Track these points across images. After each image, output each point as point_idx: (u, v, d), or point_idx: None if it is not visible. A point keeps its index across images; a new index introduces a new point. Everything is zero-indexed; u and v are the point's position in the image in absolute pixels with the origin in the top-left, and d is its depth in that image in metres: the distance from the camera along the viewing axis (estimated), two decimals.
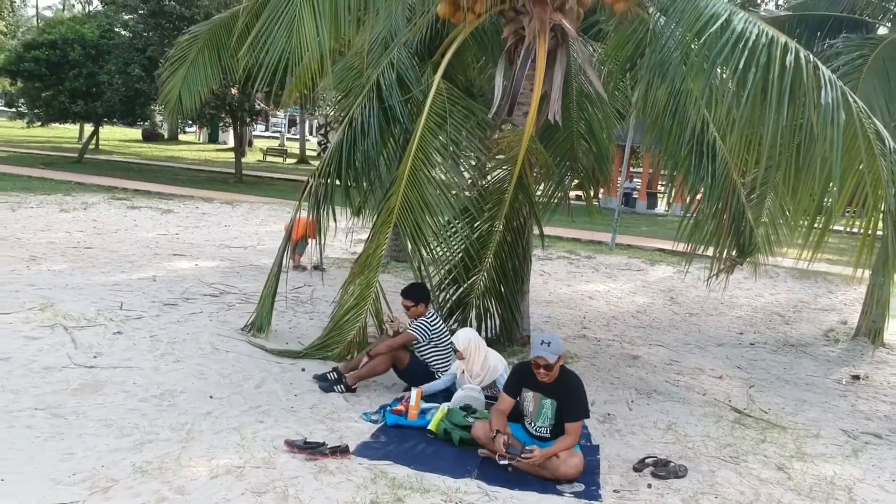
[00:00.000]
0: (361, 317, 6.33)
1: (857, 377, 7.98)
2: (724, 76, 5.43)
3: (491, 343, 6.94)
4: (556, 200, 8.86)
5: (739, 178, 6.48)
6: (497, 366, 5.64)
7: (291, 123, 64.51)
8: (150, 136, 49.63)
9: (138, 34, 26.04)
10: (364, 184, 6.98)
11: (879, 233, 5.52)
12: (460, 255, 6.95)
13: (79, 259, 10.30)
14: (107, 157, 34.20)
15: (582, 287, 11.97)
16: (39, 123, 30.43)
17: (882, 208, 5.09)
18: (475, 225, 6.86)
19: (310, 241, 10.89)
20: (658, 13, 6.33)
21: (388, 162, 7.05)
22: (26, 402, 4.86)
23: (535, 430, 4.73)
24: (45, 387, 5.19)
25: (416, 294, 5.90)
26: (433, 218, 6.36)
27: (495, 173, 6.83)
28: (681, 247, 7.39)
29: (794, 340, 9.60)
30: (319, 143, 46.43)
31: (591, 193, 8.73)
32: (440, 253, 6.83)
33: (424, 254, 6.42)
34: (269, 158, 42.52)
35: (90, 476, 3.90)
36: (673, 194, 7.46)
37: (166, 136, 51.40)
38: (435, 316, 5.93)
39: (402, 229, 6.28)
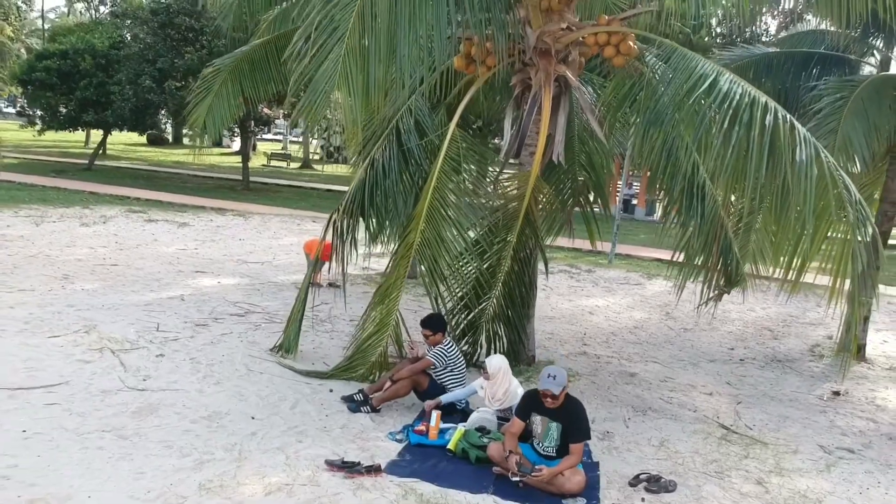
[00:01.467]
0: (383, 342, 6.97)
1: (837, 393, 8.62)
2: (712, 130, 6.06)
3: None
4: (558, 224, 9.51)
5: (727, 216, 7.12)
6: (517, 393, 6.26)
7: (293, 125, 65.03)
8: (156, 141, 50.27)
9: (148, 46, 26.62)
10: (384, 219, 7.61)
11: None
12: (472, 283, 7.58)
13: (108, 277, 10.93)
14: (115, 162, 34.84)
15: (582, 302, 12.62)
16: (52, 130, 30.99)
17: (850, 253, 5.71)
18: (485, 256, 7.50)
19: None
20: (655, 64, 6.95)
21: (405, 197, 7.68)
22: (93, 425, 5.50)
23: (543, 450, 5.38)
24: (106, 409, 5.83)
25: (434, 324, 6.55)
26: (448, 253, 7.00)
27: (505, 209, 7.46)
28: (678, 255, 7.99)
29: (781, 356, 10.24)
30: (322, 147, 47.05)
31: (593, 221, 9.34)
32: (454, 282, 7.46)
33: (441, 287, 7.06)
34: (273, 163, 43.11)
35: (162, 494, 4.54)
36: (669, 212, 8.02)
37: (170, 140, 52.02)
38: (451, 344, 6.58)
39: (420, 263, 6.92)
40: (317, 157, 46.59)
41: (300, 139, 53.95)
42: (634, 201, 29.60)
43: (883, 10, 7.22)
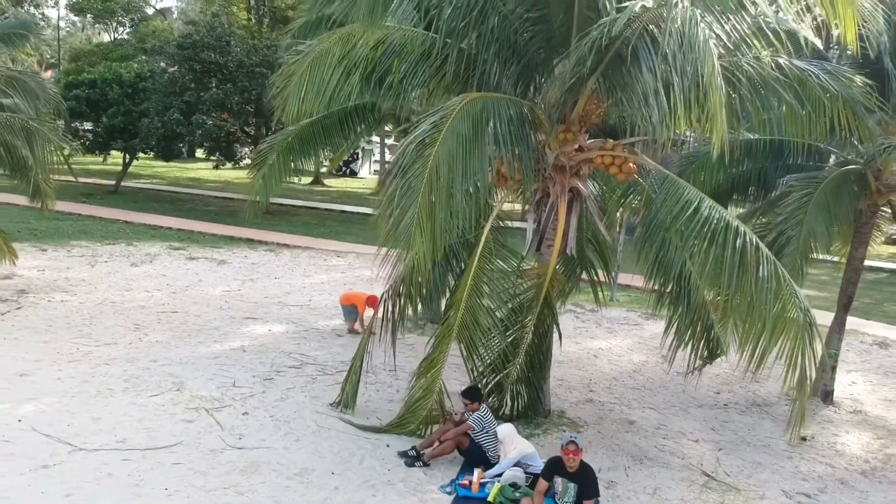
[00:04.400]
0: (428, 404, 8.57)
1: (804, 438, 10.21)
2: (695, 248, 7.65)
3: (520, 416, 9.31)
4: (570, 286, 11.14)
5: (711, 304, 8.73)
6: (524, 449, 7.84)
7: None
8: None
9: (175, 79, 28.16)
10: (427, 300, 9.21)
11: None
12: (499, 352, 9.18)
13: (173, 327, 12.53)
14: (137, 182, 36.35)
15: (587, 344, 14.23)
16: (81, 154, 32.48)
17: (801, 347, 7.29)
18: (508, 332, 9.09)
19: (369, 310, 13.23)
20: (653, 183, 8.56)
21: (441, 283, 9.27)
22: (214, 483, 7.10)
23: None
24: (219, 468, 7.43)
25: (473, 395, 8.18)
26: (484, 334, 8.61)
27: (527, 293, 9.06)
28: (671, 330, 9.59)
29: (760, 400, 11.84)
30: (340, 170, 48.85)
31: (597, 285, 10.96)
32: (484, 352, 9.05)
33: (477, 362, 8.68)
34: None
35: None
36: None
37: (185, 154, 53.44)
38: (486, 411, 8.20)
39: (459, 342, 8.53)
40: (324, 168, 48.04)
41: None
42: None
43: (839, 126, 8.82)
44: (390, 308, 9.04)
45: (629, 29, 6.96)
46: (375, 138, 46.12)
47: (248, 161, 30.23)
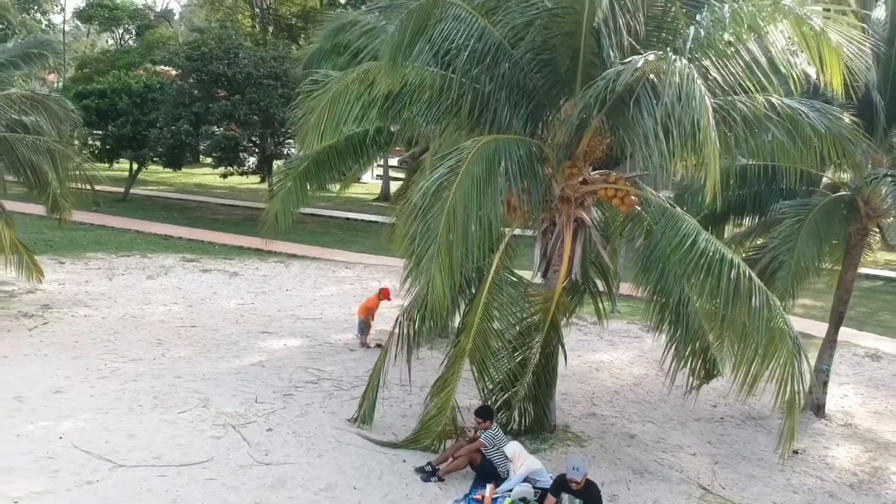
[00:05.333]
0: (442, 422, 9.13)
1: (796, 452, 10.75)
2: (692, 279, 8.22)
3: (527, 431, 9.87)
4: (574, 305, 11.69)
5: (708, 328, 9.29)
6: (532, 465, 8.40)
7: None
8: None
9: (184, 90, 28.71)
10: (437, 322, 9.76)
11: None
12: (508, 371, 9.73)
13: (193, 342, 13.08)
14: (144, 189, 36.83)
15: (590, 357, 14.78)
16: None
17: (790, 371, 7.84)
18: (516, 353, 9.64)
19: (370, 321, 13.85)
20: (653, 214, 9.11)
21: (453, 304, 9.81)
22: (246, 499, 7.66)
23: None
24: (249, 483, 7.99)
25: (484, 414, 8.74)
26: (494, 355, 9.17)
27: (534, 316, 9.61)
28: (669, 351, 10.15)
29: (755, 413, 12.38)
30: None
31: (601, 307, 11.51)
32: (494, 372, 9.61)
33: (487, 382, 9.24)
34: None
35: None
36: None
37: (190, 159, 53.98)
38: (497, 429, 8.77)
39: (471, 363, 9.09)
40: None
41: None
42: None
43: (828, 158, 9.39)
44: (405, 329, 9.58)
45: (632, 76, 7.49)
46: None
47: (252, 167, 30.94)
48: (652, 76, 7.47)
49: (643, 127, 7.64)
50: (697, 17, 8.40)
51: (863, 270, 15.96)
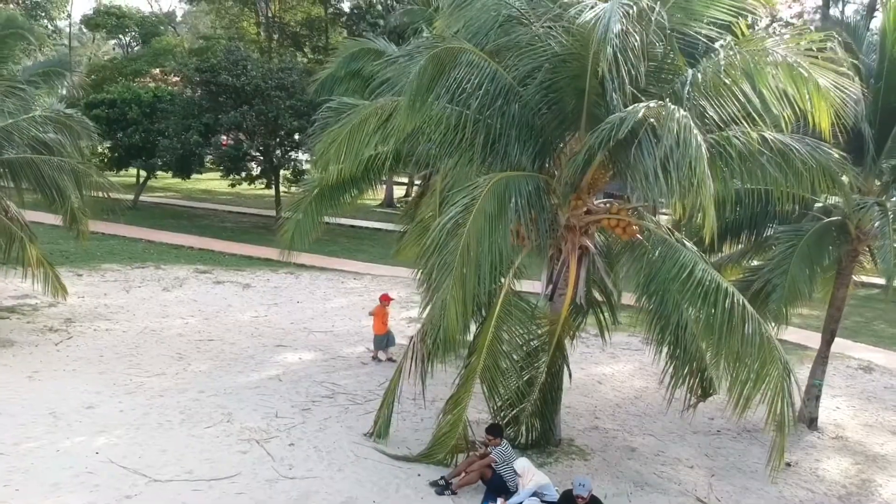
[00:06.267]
0: (454, 438, 9.70)
1: (788, 464, 11.31)
2: (690, 310, 8.81)
3: (534, 445, 10.44)
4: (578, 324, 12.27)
5: (705, 349, 9.86)
6: (540, 480, 8.97)
7: None
8: None
9: (193, 102, 29.29)
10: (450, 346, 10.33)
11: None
12: (516, 389, 10.30)
13: (212, 356, 13.65)
14: (152, 196, 37.40)
15: (592, 369, 15.36)
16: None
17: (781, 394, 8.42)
18: (524, 372, 10.22)
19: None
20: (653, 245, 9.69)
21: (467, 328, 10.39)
22: None
23: None
24: (277, 497, 8.56)
25: (495, 432, 9.33)
26: (503, 375, 9.75)
27: (541, 338, 10.19)
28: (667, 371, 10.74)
29: (751, 426, 12.91)
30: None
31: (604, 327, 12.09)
32: (503, 390, 10.18)
33: (497, 399, 9.82)
34: (292, 189, 45.73)
35: None
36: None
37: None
38: (507, 445, 9.35)
39: (482, 383, 9.66)
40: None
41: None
42: None
43: (819, 188, 9.98)
44: (418, 350, 10.15)
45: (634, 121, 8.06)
46: None
47: (255, 172, 31.51)
48: (652, 120, 8.02)
49: (643, 166, 8.20)
50: (696, 61, 9.00)
51: (859, 278, 16.47)
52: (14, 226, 14.23)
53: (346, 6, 43.30)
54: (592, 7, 7.62)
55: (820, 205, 12.69)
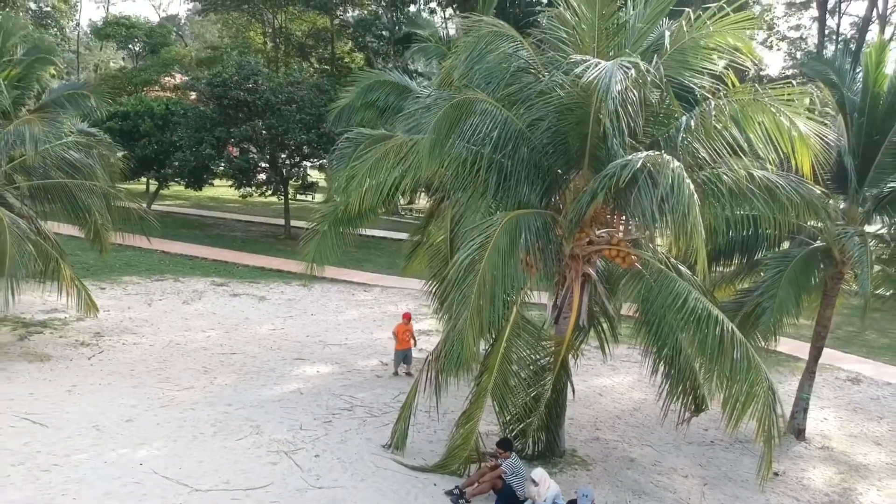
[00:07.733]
0: (467, 451, 10.55)
1: (776, 474, 12.15)
2: (683, 335, 9.67)
3: (540, 456, 11.29)
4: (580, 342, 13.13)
5: (697, 370, 10.72)
6: (555, 488, 9.82)
7: None
8: None
9: (205, 115, 30.14)
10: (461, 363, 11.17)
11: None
12: (523, 404, 11.15)
13: (236, 369, 14.50)
14: (162, 204, 38.21)
15: (593, 381, 16.20)
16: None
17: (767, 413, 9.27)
18: (531, 389, 11.07)
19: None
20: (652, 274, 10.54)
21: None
22: None
23: None
24: None
25: (505, 445, 10.18)
26: (512, 391, 10.61)
27: (547, 358, 11.04)
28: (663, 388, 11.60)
29: (742, 437, 13.71)
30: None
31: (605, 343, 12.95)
32: (511, 406, 11.04)
33: (506, 415, 10.68)
34: (297, 196, 46.59)
35: None
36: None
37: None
38: (516, 458, 10.20)
39: (493, 399, 10.52)
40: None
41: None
42: None
43: (803, 220, 10.85)
44: (433, 368, 11.00)
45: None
46: None
47: (261, 179, 32.41)
48: (650, 166, 8.87)
49: (642, 206, 9.05)
50: (690, 105, 9.88)
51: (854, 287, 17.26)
52: (48, 245, 15.09)
53: (350, 17, 44.20)
54: (596, 66, 8.46)
55: (807, 228, 13.56)
